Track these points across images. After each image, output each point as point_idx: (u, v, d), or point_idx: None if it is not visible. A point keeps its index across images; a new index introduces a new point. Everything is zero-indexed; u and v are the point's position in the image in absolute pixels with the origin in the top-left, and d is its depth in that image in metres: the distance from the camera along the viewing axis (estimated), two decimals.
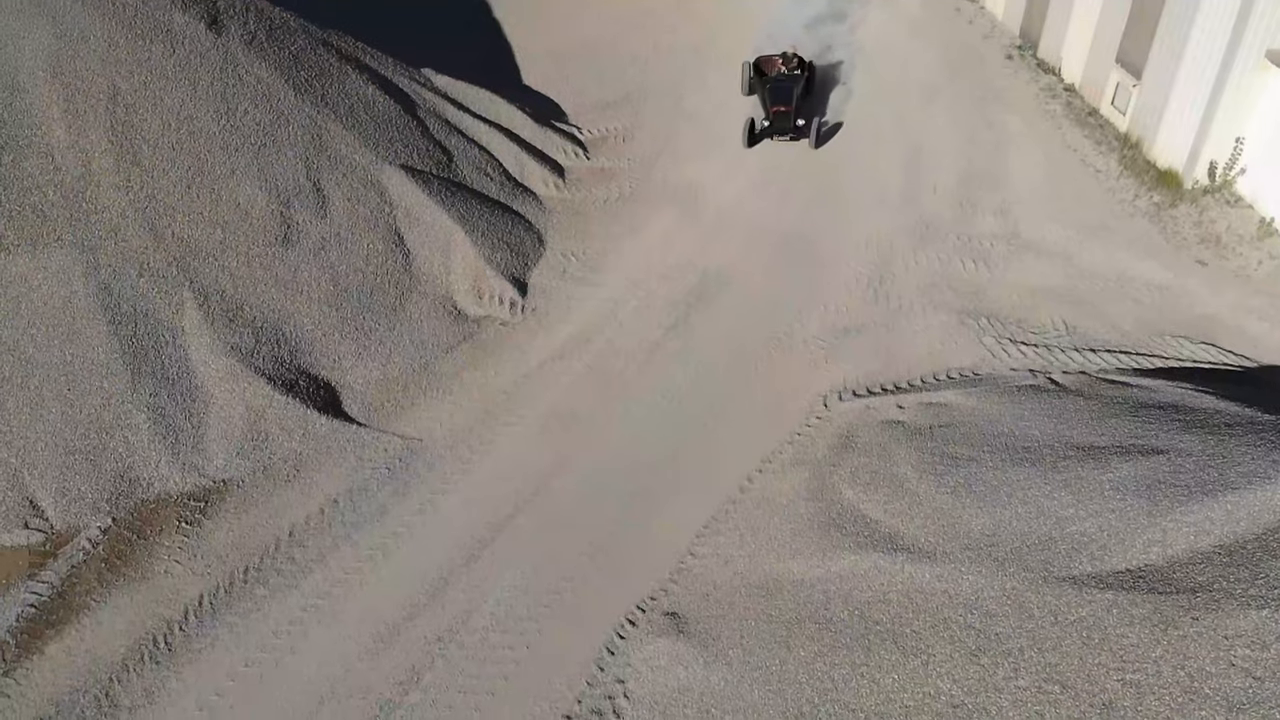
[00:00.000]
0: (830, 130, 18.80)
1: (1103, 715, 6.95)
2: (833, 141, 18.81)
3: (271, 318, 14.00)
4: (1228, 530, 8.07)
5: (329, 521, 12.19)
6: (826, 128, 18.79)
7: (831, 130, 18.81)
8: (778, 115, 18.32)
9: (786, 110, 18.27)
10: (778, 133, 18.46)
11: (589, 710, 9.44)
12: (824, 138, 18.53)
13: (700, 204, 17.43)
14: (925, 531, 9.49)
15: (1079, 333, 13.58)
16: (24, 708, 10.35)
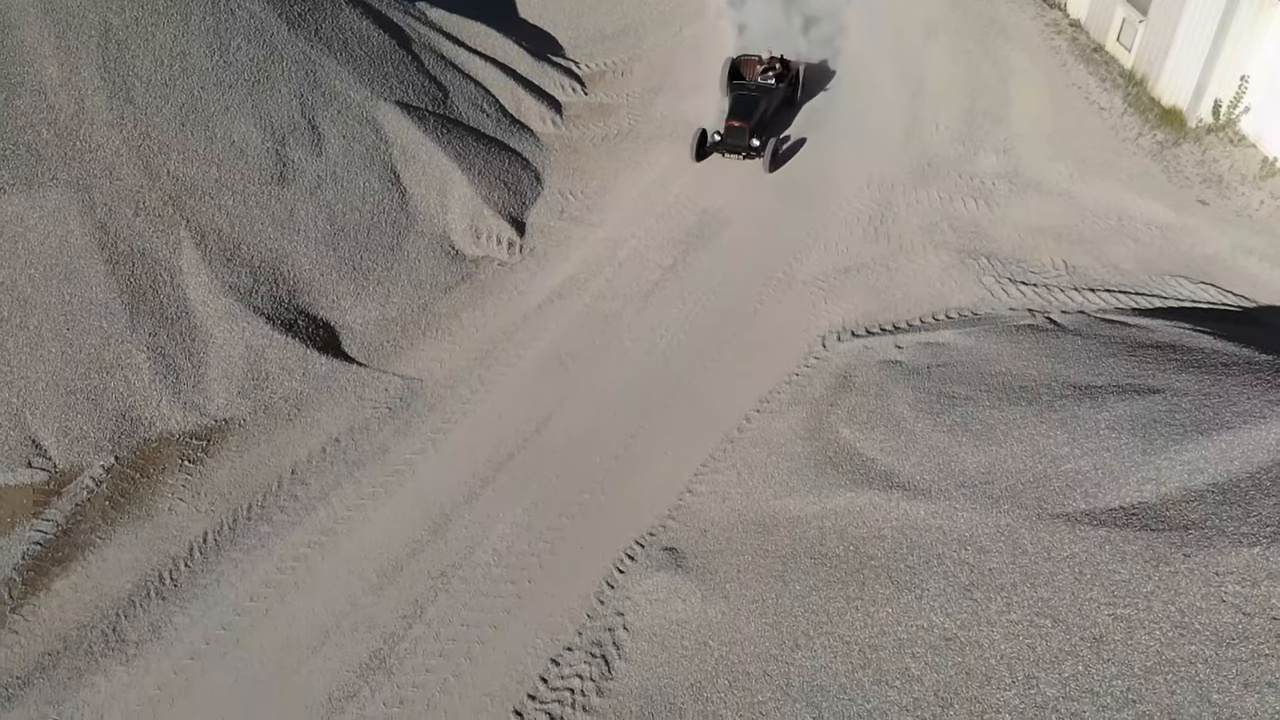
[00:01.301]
0: (792, 148, 17.06)
1: (1093, 649, 7.10)
2: (834, 79, 18.56)
3: (269, 257, 13.95)
4: (1221, 469, 8.16)
5: (331, 460, 12.29)
6: (787, 147, 17.05)
7: (793, 149, 17.04)
8: (731, 130, 16.55)
9: (741, 126, 16.47)
10: (729, 149, 16.69)
11: (589, 642, 9.63)
12: (782, 159, 16.75)
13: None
14: (921, 469, 9.58)
15: (1079, 272, 13.55)
16: (32, 643, 10.53)
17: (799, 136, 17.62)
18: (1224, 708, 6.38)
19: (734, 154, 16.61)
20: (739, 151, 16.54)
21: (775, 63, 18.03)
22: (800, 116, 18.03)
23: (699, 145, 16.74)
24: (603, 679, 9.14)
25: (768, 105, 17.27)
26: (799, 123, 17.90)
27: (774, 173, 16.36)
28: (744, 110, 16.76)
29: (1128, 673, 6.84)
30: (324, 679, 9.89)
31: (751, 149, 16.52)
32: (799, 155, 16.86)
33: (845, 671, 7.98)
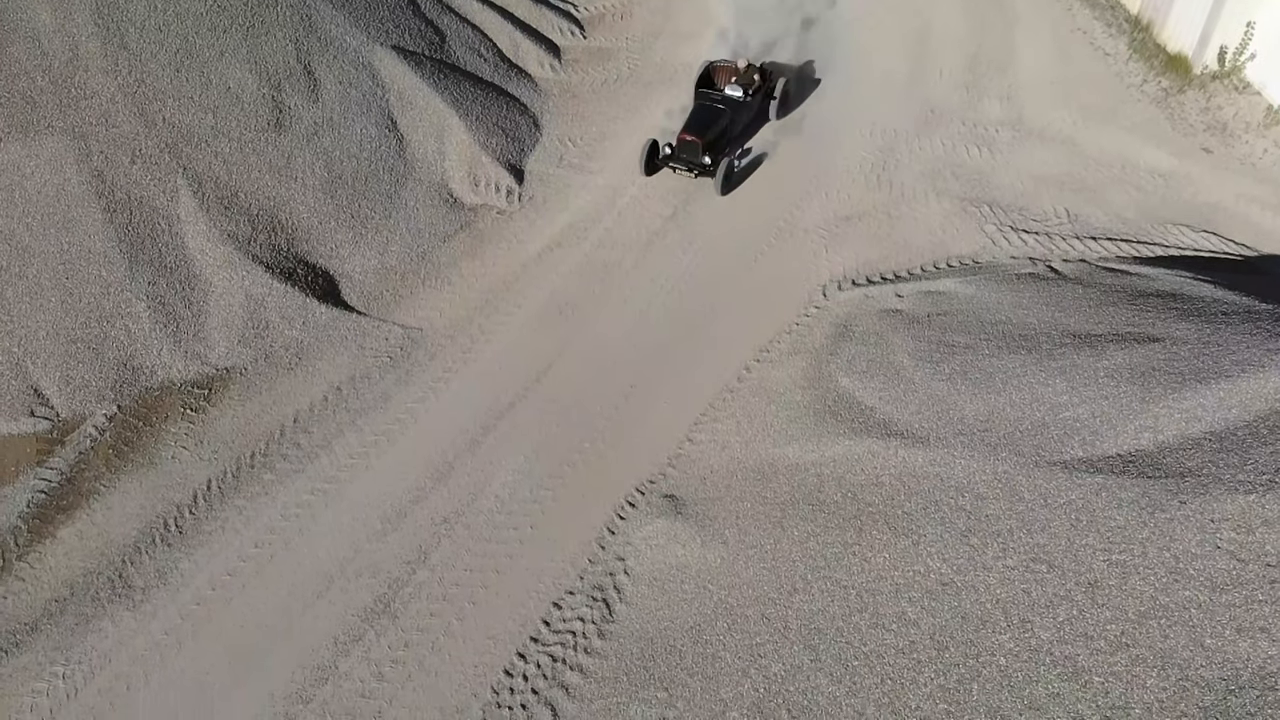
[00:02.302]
0: (748, 168, 15.36)
1: (1088, 594, 7.21)
2: (838, 25, 18.23)
3: (267, 205, 13.86)
4: (1219, 417, 8.21)
5: (333, 408, 12.34)
6: (741, 167, 15.36)
7: (748, 169, 15.35)
8: (682, 144, 14.93)
9: (693, 141, 14.79)
10: (679, 164, 15.07)
11: (591, 586, 9.76)
12: (734, 182, 15.10)
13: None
14: (920, 418, 9.64)
15: (1080, 220, 13.50)
16: (39, 590, 10.67)
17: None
18: (1217, 652, 6.50)
19: (685, 170, 15.04)
20: (690, 168, 14.99)
21: (752, 72, 16.21)
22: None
23: (648, 157, 15.19)
24: (604, 622, 9.28)
25: (731, 120, 15.49)
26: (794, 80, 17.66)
27: (728, 190, 14.94)
28: (700, 123, 15.17)
29: (1121, 617, 6.96)
30: (329, 623, 10.04)
31: (703, 167, 14.92)
32: (802, 105, 16.63)
33: (842, 615, 8.11)
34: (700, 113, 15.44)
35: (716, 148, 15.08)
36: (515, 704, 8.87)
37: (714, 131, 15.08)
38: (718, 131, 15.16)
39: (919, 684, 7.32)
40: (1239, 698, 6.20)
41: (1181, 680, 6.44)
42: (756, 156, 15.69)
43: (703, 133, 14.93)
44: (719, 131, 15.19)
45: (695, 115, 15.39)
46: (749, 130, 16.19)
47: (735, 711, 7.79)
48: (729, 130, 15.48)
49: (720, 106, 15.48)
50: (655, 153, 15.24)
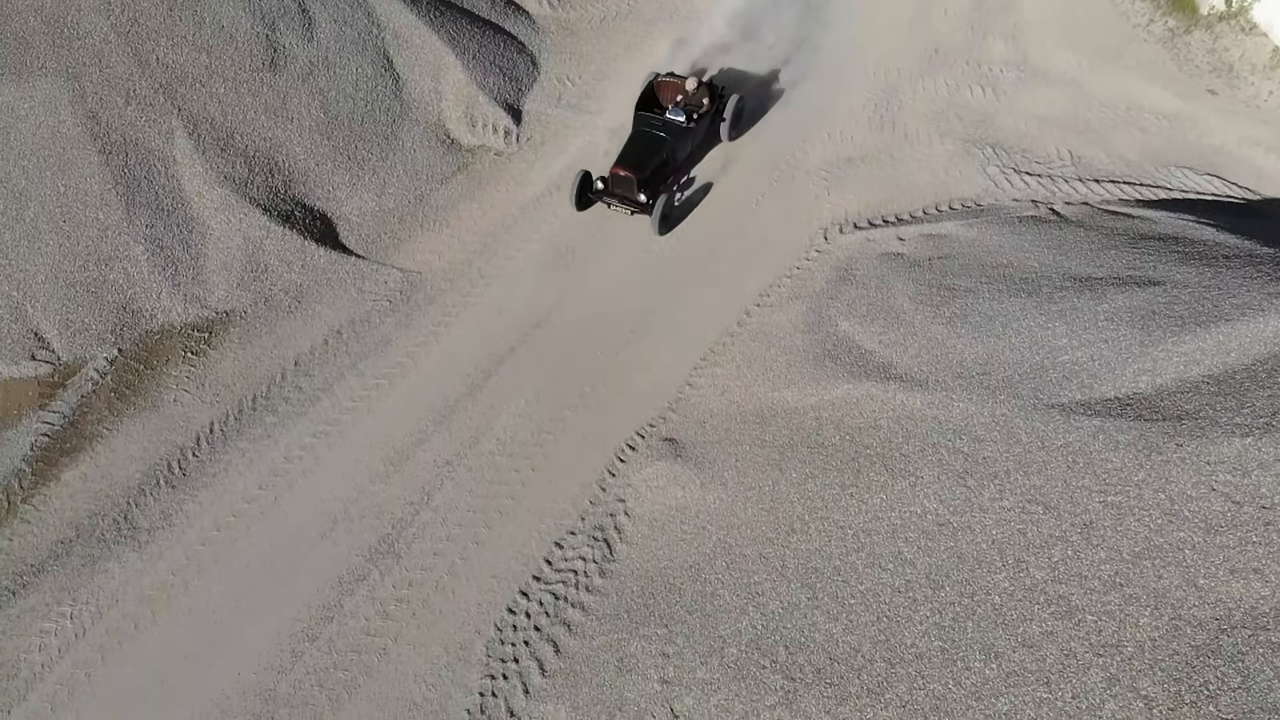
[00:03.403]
0: (683, 210, 13.71)
1: (1083, 534, 7.30)
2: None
3: (263, 146, 13.71)
4: (1218, 360, 8.23)
5: (333, 352, 12.35)
6: (678, 205, 13.78)
7: (684, 210, 13.72)
8: (616, 178, 13.31)
9: (629, 177, 13.15)
10: (614, 200, 13.53)
11: (592, 527, 9.88)
12: (673, 221, 13.52)
13: (701, 23, 16.70)
14: (919, 361, 9.66)
15: (1084, 163, 13.38)
16: (45, 532, 10.79)
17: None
18: (1210, 592, 6.61)
19: (619, 205, 13.50)
20: (626, 204, 13.46)
21: (701, 94, 14.33)
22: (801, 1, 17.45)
23: (579, 191, 13.58)
24: (605, 561, 9.42)
25: (673, 150, 13.75)
26: (810, 5, 17.31)
27: (664, 235, 13.39)
28: (636, 155, 13.48)
29: (1116, 558, 7.06)
30: (334, 563, 10.19)
31: (639, 204, 13.38)
32: (807, 38, 16.32)
33: (839, 554, 8.23)
34: (637, 142, 13.73)
35: (654, 183, 13.51)
36: (518, 640, 9.04)
37: (651, 164, 13.44)
38: (656, 164, 13.51)
39: (914, 621, 7.45)
40: (1231, 637, 6.32)
41: (1174, 620, 6.55)
42: (704, 185, 14.10)
43: (639, 166, 13.31)
44: (657, 164, 13.54)
45: (631, 145, 13.71)
46: (695, 157, 14.52)
47: (733, 647, 7.94)
48: (669, 162, 13.81)
49: (660, 134, 13.72)
50: (588, 185, 13.62)
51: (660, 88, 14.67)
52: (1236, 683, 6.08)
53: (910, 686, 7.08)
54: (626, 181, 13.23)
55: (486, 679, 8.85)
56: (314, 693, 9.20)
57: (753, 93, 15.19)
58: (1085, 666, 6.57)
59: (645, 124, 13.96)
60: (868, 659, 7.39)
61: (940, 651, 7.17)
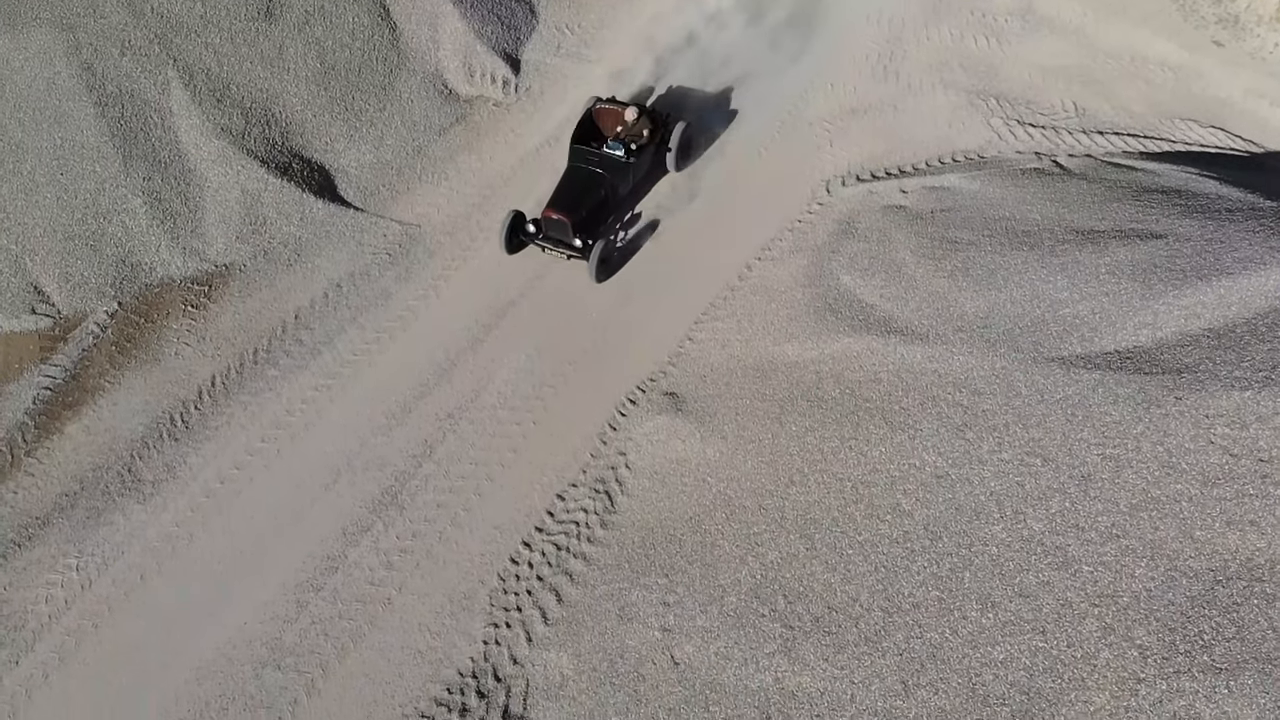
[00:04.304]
0: (624, 256, 12.54)
1: (1081, 486, 7.37)
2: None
3: (260, 97, 13.56)
4: (1218, 314, 8.24)
5: (333, 305, 12.34)
6: (618, 251, 12.62)
7: (625, 256, 12.54)
8: (548, 221, 12.18)
9: (562, 220, 12.00)
10: (548, 244, 12.34)
11: (593, 479, 9.96)
12: (611, 268, 12.36)
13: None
14: (920, 315, 9.67)
15: (1088, 114, 13.27)
16: (49, 485, 10.87)
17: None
18: (1206, 544, 6.68)
19: (553, 249, 12.34)
20: (560, 248, 12.32)
21: (642, 125, 13.04)
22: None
23: (509, 233, 12.38)
24: (606, 513, 9.51)
25: (612, 188, 12.61)
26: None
27: (605, 277, 12.30)
28: (571, 195, 12.34)
29: (1113, 509, 7.13)
30: (337, 514, 10.28)
31: (574, 249, 12.25)
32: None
33: (838, 506, 8.31)
34: (571, 180, 12.57)
35: (591, 226, 12.34)
36: (521, 589, 9.16)
37: (588, 205, 12.31)
38: (592, 204, 12.37)
39: (912, 572, 7.55)
40: (1226, 589, 6.41)
41: (1170, 571, 6.64)
42: (650, 224, 12.93)
43: (573, 207, 12.16)
44: (594, 205, 12.39)
45: (565, 183, 12.56)
46: (637, 194, 13.30)
47: (733, 596, 8.05)
48: (607, 202, 12.62)
49: (598, 172, 12.56)
50: (519, 227, 12.43)
51: (599, 116, 13.45)
52: (1231, 633, 6.17)
53: (907, 635, 7.19)
54: (560, 225, 12.08)
55: (490, 627, 8.97)
56: (320, 642, 9.33)
57: (752, 49, 14.89)
58: (1081, 616, 6.67)
59: (581, 159, 12.75)
60: (865, 608, 7.49)
61: (937, 601, 7.27)
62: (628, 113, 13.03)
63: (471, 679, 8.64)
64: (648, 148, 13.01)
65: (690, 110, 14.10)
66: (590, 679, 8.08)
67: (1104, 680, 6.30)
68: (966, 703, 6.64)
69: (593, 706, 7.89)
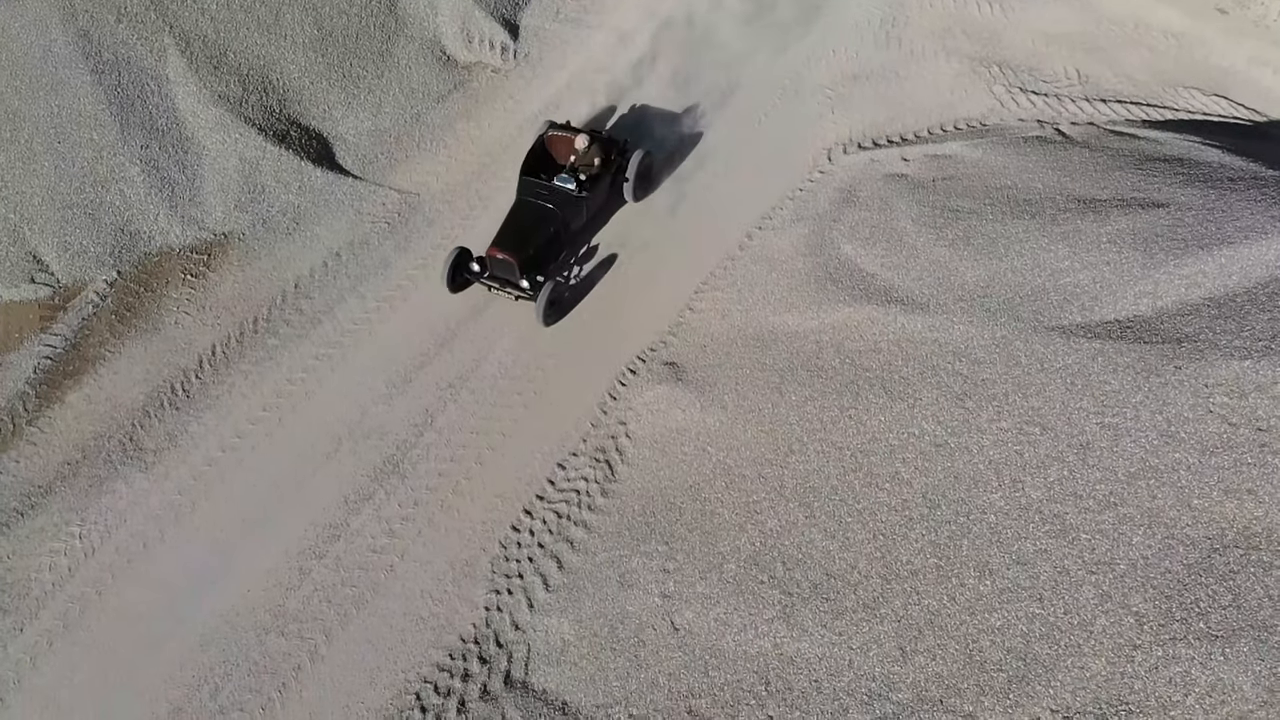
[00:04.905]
0: (573, 298, 11.77)
1: (1079, 455, 7.40)
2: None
3: (257, 64, 13.45)
4: (1219, 283, 8.23)
5: (333, 274, 12.33)
6: (567, 292, 11.80)
7: (574, 298, 11.76)
8: (493, 260, 11.39)
9: (506, 259, 11.21)
10: (494, 282, 11.60)
11: (593, 448, 10.00)
12: (562, 310, 11.60)
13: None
14: (920, 284, 9.66)
15: (1091, 82, 13.16)
16: (51, 453, 10.91)
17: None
18: (1203, 512, 6.72)
19: (499, 289, 11.60)
20: (506, 288, 11.57)
21: (592, 154, 12.18)
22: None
23: (453, 271, 11.65)
24: (607, 481, 9.56)
25: (563, 223, 11.79)
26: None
27: (553, 320, 11.52)
28: (518, 232, 11.53)
29: (1111, 478, 7.17)
30: (339, 483, 10.34)
31: (520, 290, 11.50)
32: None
33: (837, 474, 8.35)
34: (519, 216, 11.77)
35: (540, 264, 11.58)
36: (523, 556, 9.23)
37: (536, 243, 11.51)
38: (541, 242, 11.57)
39: (910, 539, 7.60)
40: (1222, 556, 6.45)
41: (1167, 538, 6.68)
42: (605, 260, 12.17)
43: (520, 246, 11.37)
44: (543, 243, 11.59)
45: (512, 219, 11.75)
46: (593, 226, 12.53)
47: (732, 563, 8.11)
48: (558, 239, 11.83)
49: (548, 207, 11.76)
50: (463, 265, 11.70)
51: (552, 143, 12.58)
52: (1227, 600, 6.23)
53: (905, 602, 7.25)
54: (505, 265, 11.31)
55: (492, 594, 9.05)
56: (322, 608, 9.42)
57: (754, 12, 14.71)
58: (1078, 583, 6.73)
59: (530, 192, 11.95)
60: (863, 575, 7.56)
61: (935, 568, 7.33)
62: (578, 141, 12.19)
63: (474, 645, 8.73)
64: (603, 178, 12.25)
65: (688, 77, 13.99)
66: (591, 644, 8.16)
67: (1100, 647, 6.37)
68: (963, 668, 6.71)
69: (594, 671, 7.97)
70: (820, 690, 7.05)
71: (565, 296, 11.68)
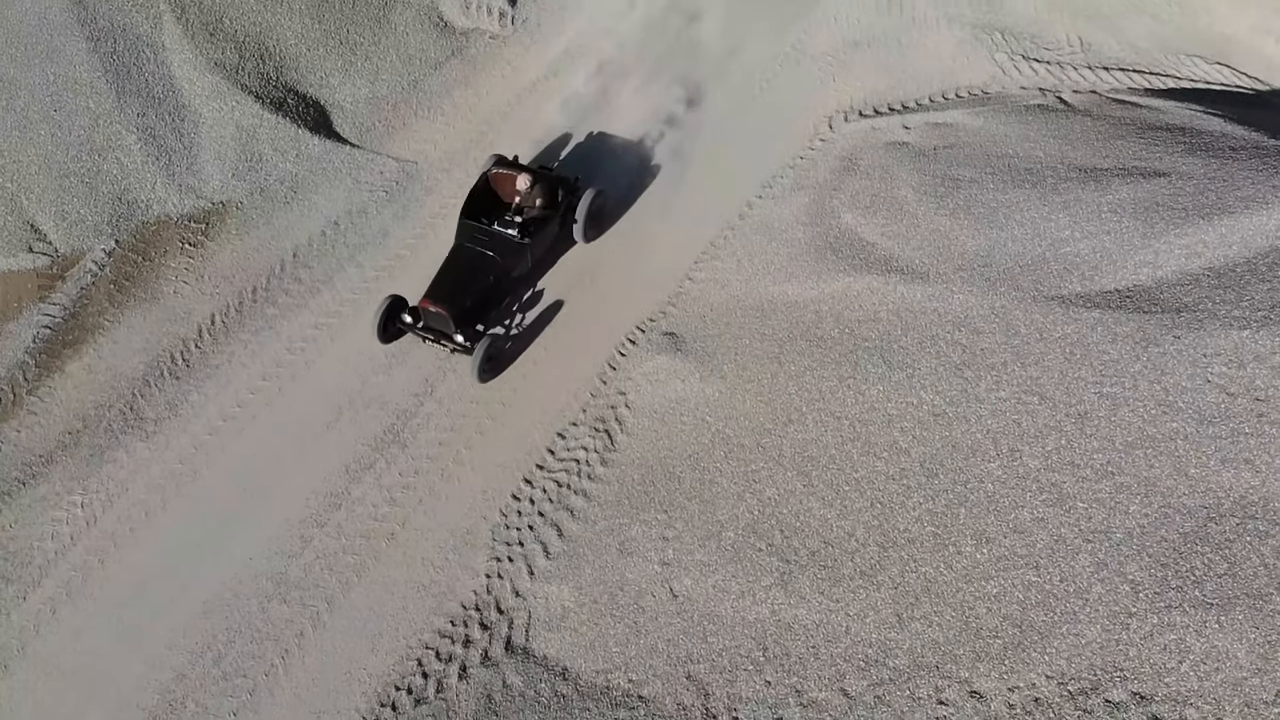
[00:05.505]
0: (509, 354, 10.95)
1: (1077, 424, 7.43)
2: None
3: (253, 31, 13.34)
4: (1219, 253, 8.22)
5: (331, 243, 12.30)
6: (509, 343, 11.04)
7: (510, 355, 10.95)
8: (426, 312, 10.66)
9: (439, 312, 10.49)
10: (428, 334, 10.85)
11: (593, 418, 10.02)
12: (500, 366, 10.81)
13: None
14: (920, 253, 9.64)
15: (1093, 50, 13.05)
16: (51, 423, 10.94)
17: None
18: (1200, 481, 6.75)
19: (432, 340, 10.87)
20: (441, 343, 10.85)
21: (534, 194, 11.46)
22: None
23: (384, 321, 10.89)
24: (606, 451, 9.59)
25: (503, 272, 11.01)
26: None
27: (490, 377, 10.76)
28: (454, 282, 10.75)
29: (1109, 447, 7.20)
30: (340, 452, 10.38)
31: (456, 345, 10.75)
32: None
33: (835, 444, 8.38)
34: (455, 263, 10.94)
35: (477, 317, 10.80)
36: (523, 525, 9.28)
37: (473, 294, 10.73)
38: (479, 294, 10.78)
39: (908, 508, 7.64)
40: (1218, 525, 6.49)
41: (1163, 507, 6.72)
42: (554, 303, 11.39)
43: (454, 297, 10.59)
44: (481, 294, 10.80)
45: (448, 267, 10.93)
46: (541, 269, 11.74)
47: (730, 531, 8.16)
48: (499, 287, 11.03)
49: (487, 254, 10.92)
50: (395, 314, 10.94)
51: (497, 181, 11.73)
52: (1223, 569, 6.27)
53: (902, 569, 7.31)
54: (440, 318, 10.56)
55: (492, 561, 9.11)
56: (324, 576, 9.49)
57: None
58: (1074, 552, 6.78)
59: (468, 237, 11.09)
60: (861, 543, 7.61)
61: (932, 536, 7.38)
62: (518, 181, 11.42)
63: (475, 611, 8.80)
64: (550, 221, 11.44)
65: (687, 43, 13.86)
66: (591, 611, 8.23)
67: (1095, 614, 6.43)
68: (960, 635, 6.78)
69: (593, 637, 8.05)
70: (817, 656, 7.13)
71: (506, 349, 10.91)
